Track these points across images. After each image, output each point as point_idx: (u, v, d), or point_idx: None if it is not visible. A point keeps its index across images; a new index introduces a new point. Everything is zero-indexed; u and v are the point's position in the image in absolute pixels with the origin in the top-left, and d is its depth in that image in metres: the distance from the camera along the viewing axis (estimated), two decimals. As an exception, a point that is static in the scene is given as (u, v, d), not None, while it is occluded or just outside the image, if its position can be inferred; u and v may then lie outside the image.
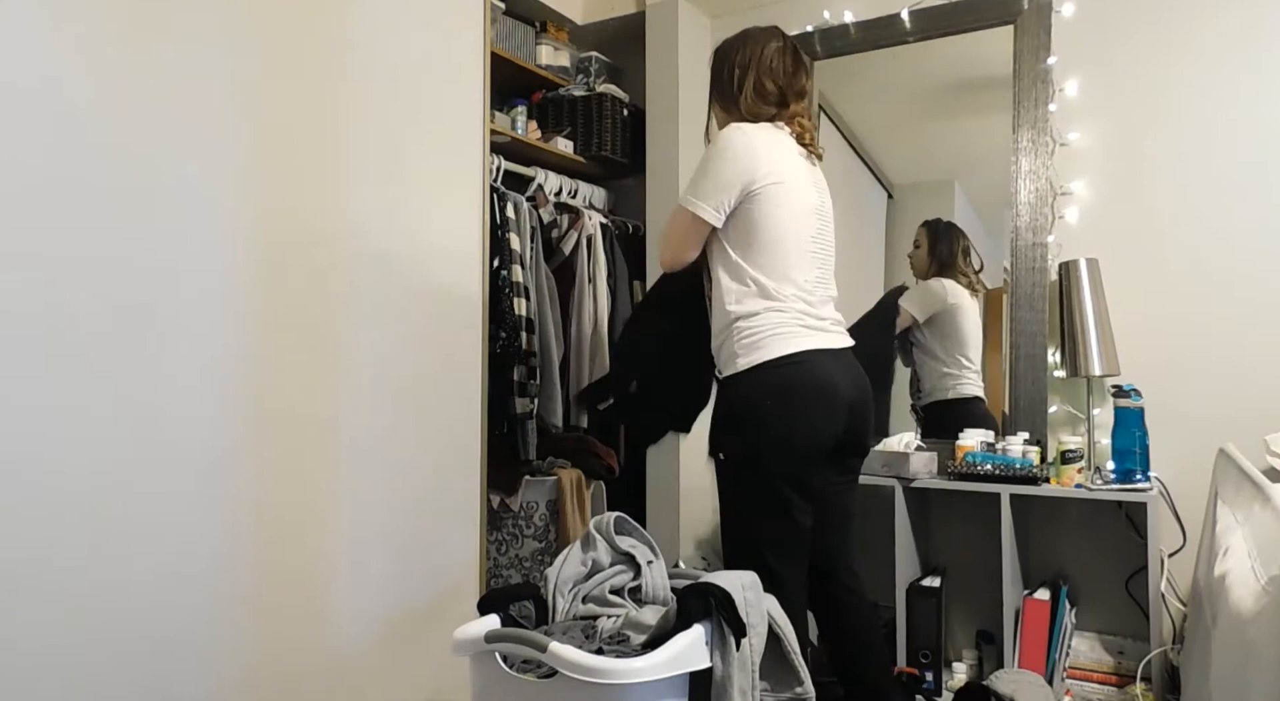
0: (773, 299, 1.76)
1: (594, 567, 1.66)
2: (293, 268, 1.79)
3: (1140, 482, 2.18)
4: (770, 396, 1.74)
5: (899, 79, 2.80)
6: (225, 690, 1.64)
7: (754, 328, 1.76)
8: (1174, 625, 2.29)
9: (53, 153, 1.41)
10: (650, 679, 1.33)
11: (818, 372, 1.76)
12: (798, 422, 1.74)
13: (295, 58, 1.80)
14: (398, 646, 2.01)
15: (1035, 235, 2.52)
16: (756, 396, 1.74)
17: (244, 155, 1.70)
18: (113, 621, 1.47)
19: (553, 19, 3.03)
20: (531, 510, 2.54)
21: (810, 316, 1.79)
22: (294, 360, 1.79)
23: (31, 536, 1.37)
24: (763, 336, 1.75)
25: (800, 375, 1.74)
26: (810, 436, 1.75)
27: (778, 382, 1.74)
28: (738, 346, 1.76)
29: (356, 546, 1.91)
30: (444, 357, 2.16)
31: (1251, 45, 2.32)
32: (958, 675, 2.46)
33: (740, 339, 1.76)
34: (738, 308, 1.77)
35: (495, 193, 2.52)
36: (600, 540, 1.69)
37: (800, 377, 1.74)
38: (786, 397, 1.74)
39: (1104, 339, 2.34)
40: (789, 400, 1.74)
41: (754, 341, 1.75)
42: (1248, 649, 1.25)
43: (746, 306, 1.77)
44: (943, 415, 2.67)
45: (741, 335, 1.76)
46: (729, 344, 1.79)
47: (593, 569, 1.66)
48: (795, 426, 1.74)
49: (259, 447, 1.71)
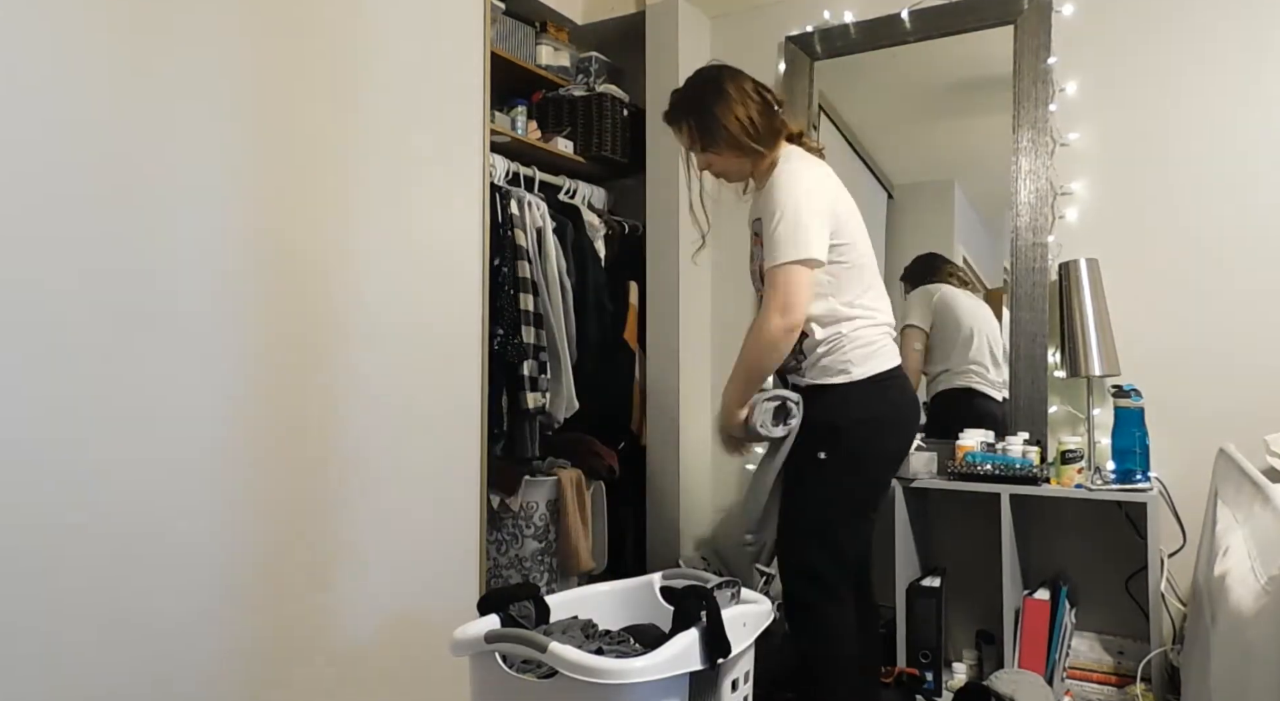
0: (873, 313, 1.89)
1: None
2: (292, 267, 1.79)
3: (1140, 482, 2.18)
4: (885, 405, 1.88)
5: (899, 79, 2.80)
6: (226, 690, 1.64)
7: (864, 339, 1.86)
8: (1174, 625, 2.29)
9: (51, 159, 1.41)
10: (650, 678, 1.33)
11: (908, 387, 1.96)
12: (901, 432, 1.94)
13: (295, 58, 1.80)
14: (398, 646, 2.01)
15: (1035, 235, 2.52)
16: (873, 404, 1.86)
17: (243, 156, 1.70)
18: (113, 622, 1.47)
19: (553, 19, 3.03)
20: (531, 510, 2.54)
21: (893, 329, 1.96)
22: (293, 360, 1.79)
23: (31, 539, 1.37)
24: (875, 348, 1.87)
25: (903, 388, 1.93)
26: (903, 445, 1.96)
27: (890, 394, 1.89)
28: (851, 355, 1.84)
29: (356, 546, 1.91)
30: (444, 356, 2.16)
31: (1251, 45, 2.32)
32: (958, 675, 2.46)
33: (854, 348, 1.85)
34: (845, 325, 1.85)
35: (498, 190, 2.52)
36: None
37: (903, 390, 1.92)
38: (896, 408, 1.90)
39: (1104, 339, 2.34)
40: (897, 411, 1.91)
41: (868, 352, 1.86)
42: (1247, 649, 1.25)
43: (850, 321, 1.85)
44: (938, 407, 2.68)
45: (854, 345, 1.85)
46: (836, 354, 1.85)
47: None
48: (899, 435, 1.93)
49: (259, 448, 1.71)
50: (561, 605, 1.73)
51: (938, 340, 2.71)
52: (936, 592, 2.39)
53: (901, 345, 2.77)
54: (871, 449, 1.87)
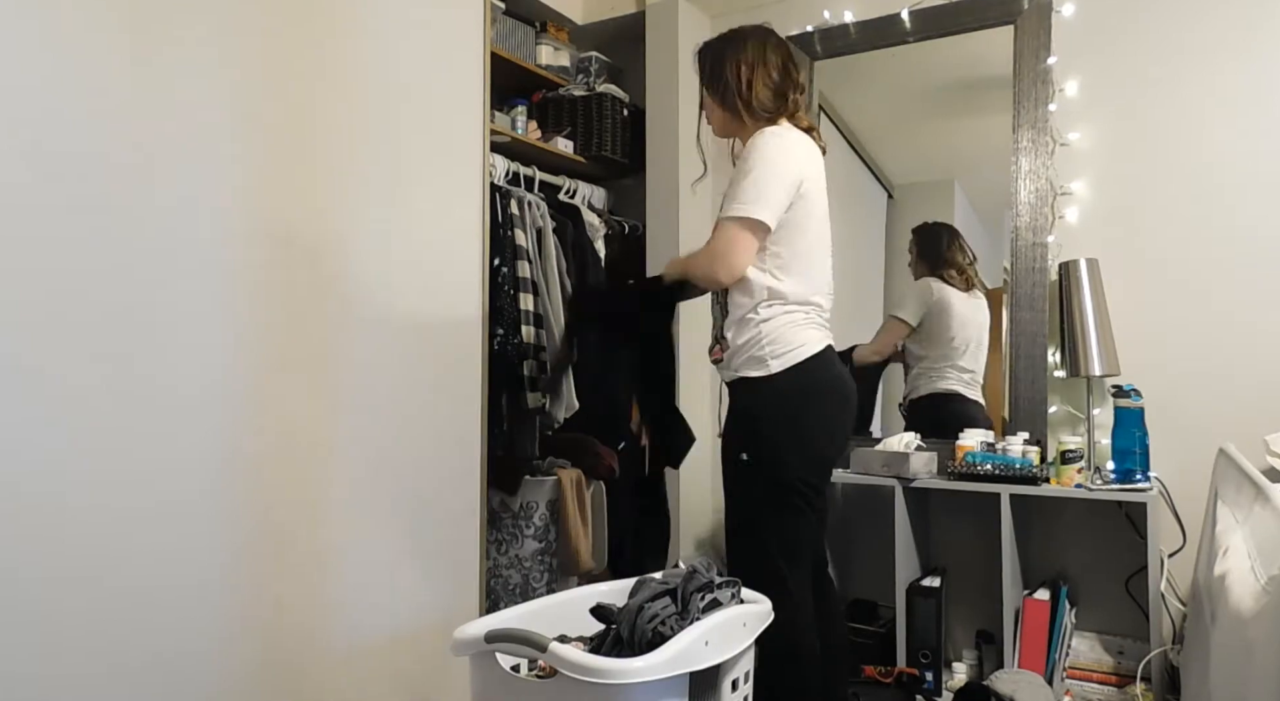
0: (804, 303, 1.83)
1: None
2: (292, 268, 1.79)
3: (1140, 482, 2.18)
4: (803, 398, 1.80)
5: (899, 79, 2.80)
6: (226, 689, 1.64)
7: (784, 331, 1.81)
8: (1174, 625, 2.29)
9: (48, 160, 1.41)
10: (650, 678, 1.33)
11: (838, 372, 1.86)
12: (827, 423, 1.83)
13: (295, 58, 1.80)
14: (398, 645, 2.01)
15: (1035, 235, 2.52)
16: (790, 398, 1.80)
17: (242, 156, 1.70)
18: (114, 622, 1.47)
19: (553, 19, 3.03)
20: (531, 510, 2.53)
21: (825, 316, 1.89)
22: (293, 360, 1.79)
23: (31, 543, 1.37)
24: (794, 340, 1.80)
25: (828, 376, 1.84)
26: (834, 436, 1.86)
27: (810, 384, 1.81)
28: (767, 349, 1.80)
29: (356, 546, 1.91)
30: (444, 356, 2.16)
31: (1252, 45, 2.32)
32: (958, 675, 2.46)
33: (768, 342, 1.80)
34: (768, 311, 1.81)
35: (498, 190, 2.52)
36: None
37: (829, 379, 1.84)
38: (819, 399, 1.82)
39: (1104, 339, 2.34)
40: (820, 401, 1.82)
41: (785, 345, 1.80)
42: (1247, 649, 1.25)
43: (776, 310, 1.81)
44: (923, 411, 2.70)
45: (770, 338, 1.80)
46: (753, 347, 1.81)
47: None
48: (825, 427, 1.83)
49: (259, 449, 1.71)
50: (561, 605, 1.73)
51: (924, 336, 2.72)
52: (936, 592, 2.39)
53: (881, 332, 2.79)
54: (795, 440, 1.80)
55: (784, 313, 1.81)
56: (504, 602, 2.43)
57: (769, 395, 1.80)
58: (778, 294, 1.81)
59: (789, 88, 1.91)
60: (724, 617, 1.51)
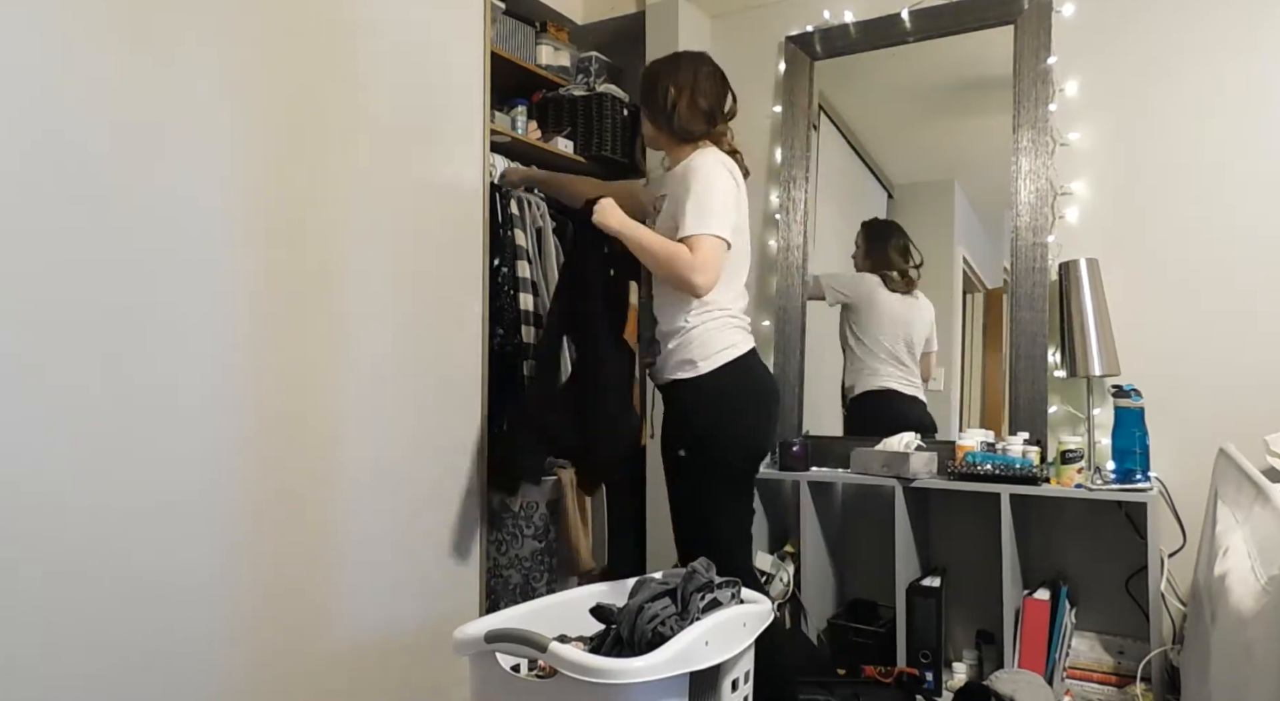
0: (724, 308, 2.00)
1: None
2: (291, 269, 1.79)
3: (1140, 482, 2.18)
4: (731, 393, 1.97)
5: (899, 79, 2.80)
6: (225, 688, 1.64)
7: (713, 334, 1.97)
8: (1174, 625, 2.29)
9: (45, 152, 1.41)
10: (650, 678, 1.33)
11: (762, 369, 2.06)
12: (757, 415, 2.02)
13: (295, 58, 1.80)
14: (398, 645, 2.01)
15: (1035, 235, 2.52)
16: (719, 394, 1.96)
17: (242, 155, 1.70)
18: (113, 623, 1.48)
19: (553, 19, 3.03)
20: (531, 510, 2.53)
21: (747, 321, 2.07)
22: (293, 360, 1.79)
23: (31, 542, 1.37)
24: (722, 342, 1.98)
25: (756, 374, 2.03)
26: (765, 427, 2.05)
27: (737, 382, 1.98)
28: (697, 352, 1.97)
29: (357, 546, 1.91)
30: (444, 357, 2.16)
31: (1252, 45, 2.32)
32: (958, 675, 2.46)
33: (698, 345, 1.97)
34: (698, 319, 1.98)
35: (498, 190, 2.52)
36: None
37: (756, 376, 2.03)
38: (746, 395, 1.99)
39: (1104, 339, 2.34)
40: (746, 397, 1.99)
41: (714, 347, 1.97)
42: (1247, 649, 1.25)
43: (705, 317, 1.98)
44: (865, 408, 2.75)
45: (699, 342, 1.97)
46: (684, 349, 1.98)
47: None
48: (756, 419, 2.01)
49: (259, 449, 1.71)
50: (561, 605, 1.73)
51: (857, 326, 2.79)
52: (936, 592, 2.39)
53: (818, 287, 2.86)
54: (726, 432, 1.95)
55: (712, 319, 1.98)
56: (504, 602, 2.42)
57: (700, 393, 1.96)
58: (705, 303, 1.97)
59: (718, 116, 2.08)
60: (724, 617, 1.51)
